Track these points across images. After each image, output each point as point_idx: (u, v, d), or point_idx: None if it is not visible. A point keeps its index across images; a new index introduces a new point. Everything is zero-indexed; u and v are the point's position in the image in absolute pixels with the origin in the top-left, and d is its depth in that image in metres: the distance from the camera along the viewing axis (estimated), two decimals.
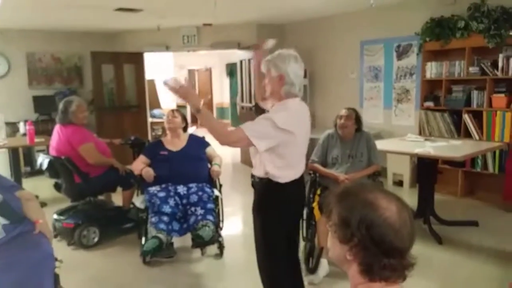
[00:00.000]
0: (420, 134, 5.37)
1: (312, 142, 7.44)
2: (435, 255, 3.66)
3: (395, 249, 1.08)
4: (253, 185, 2.42)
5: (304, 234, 3.68)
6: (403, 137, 4.85)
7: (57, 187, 4.25)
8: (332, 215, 1.17)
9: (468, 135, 5.11)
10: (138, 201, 3.79)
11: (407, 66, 5.95)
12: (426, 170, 4.27)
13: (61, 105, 4.15)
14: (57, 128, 4.17)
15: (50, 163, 4.06)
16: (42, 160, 4.17)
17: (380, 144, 4.18)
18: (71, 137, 4.04)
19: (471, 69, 5.02)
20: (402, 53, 5.99)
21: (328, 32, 6.94)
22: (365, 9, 5.85)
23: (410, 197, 4.58)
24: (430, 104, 5.48)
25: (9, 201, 2.62)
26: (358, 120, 3.67)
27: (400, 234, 1.09)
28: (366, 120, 5.57)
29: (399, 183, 5.81)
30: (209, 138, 4.20)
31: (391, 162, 5.82)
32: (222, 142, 2.13)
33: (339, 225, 1.13)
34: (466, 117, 5.10)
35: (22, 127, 6.70)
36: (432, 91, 5.56)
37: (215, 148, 4.04)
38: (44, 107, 7.31)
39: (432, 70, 5.41)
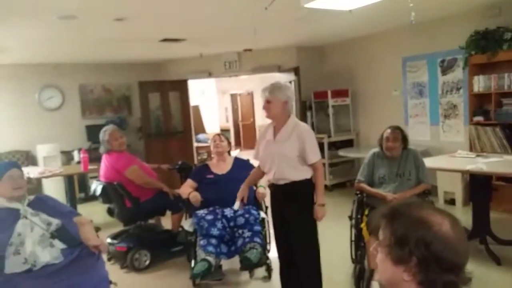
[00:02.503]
0: (470, 150, 5.18)
1: (358, 161, 7.31)
2: (494, 277, 3.47)
3: (454, 265, 1.06)
4: (289, 189, 2.90)
5: (353, 256, 3.62)
6: (453, 153, 4.69)
7: (110, 212, 4.43)
8: (383, 236, 1.15)
9: None
10: (187, 224, 3.86)
11: (453, 80, 5.80)
12: (480, 188, 4.10)
13: (99, 136, 4.36)
14: (103, 158, 4.37)
15: (103, 189, 4.24)
16: (96, 186, 4.36)
17: (429, 162, 4.06)
18: (115, 163, 4.22)
19: None
20: (447, 67, 5.85)
21: (368, 51, 6.91)
22: (405, 25, 5.79)
23: (464, 216, 4.40)
24: (480, 118, 5.29)
25: (67, 226, 2.76)
26: (404, 138, 3.60)
27: (458, 249, 1.07)
28: (412, 137, 5.44)
29: (451, 202, 5.59)
30: (254, 161, 4.25)
31: (442, 180, 5.62)
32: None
33: (393, 246, 1.10)
34: None
35: (76, 155, 7.05)
36: (481, 105, 5.37)
37: None
38: (96, 136, 7.53)
39: (480, 83, 5.24)
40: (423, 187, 3.55)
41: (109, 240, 4.31)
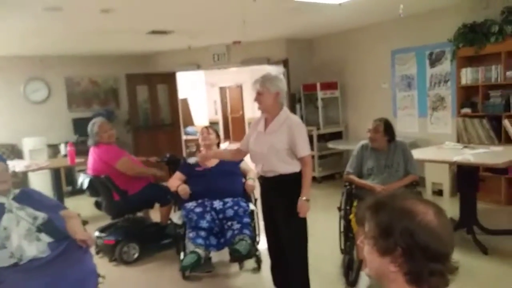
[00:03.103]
0: (458, 141, 5.23)
1: (347, 153, 7.35)
2: (481, 265, 3.52)
3: (440, 254, 1.06)
4: (277, 182, 2.87)
5: (342, 247, 3.64)
6: (440, 145, 4.73)
7: (97, 205, 4.39)
8: (368, 227, 1.15)
9: (509, 141, 4.92)
10: (176, 217, 3.85)
11: (441, 73, 5.84)
12: (467, 178, 4.14)
13: (88, 128, 4.31)
14: (91, 151, 4.32)
15: (90, 182, 4.20)
16: (83, 180, 4.31)
17: (417, 153, 4.09)
18: (104, 156, 4.17)
19: (508, 73, 4.87)
20: (435, 60, 5.89)
21: (357, 44, 6.91)
22: (395, 18, 5.80)
23: (452, 207, 4.44)
24: (467, 110, 5.34)
25: (54, 220, 2.73)
26: (388, 130, 3.60)
27: (443, 237, 1.07)
28: (400, 130, 5.48)
29: (439, 193, 5.65)
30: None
31: (430, 171, 5.68)
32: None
33: (379, 237, 1.11)
34: (506, 123, 4.93)
35: (63, 149, 6.96)
36: (468, 98, 5.42)
37: (248, 163, 4.08)
38: (83, 129, 7.40)
39: (467, 76, 5.28)
40: (411, 178, 3.57)
41: (97, 234, 4.27)
